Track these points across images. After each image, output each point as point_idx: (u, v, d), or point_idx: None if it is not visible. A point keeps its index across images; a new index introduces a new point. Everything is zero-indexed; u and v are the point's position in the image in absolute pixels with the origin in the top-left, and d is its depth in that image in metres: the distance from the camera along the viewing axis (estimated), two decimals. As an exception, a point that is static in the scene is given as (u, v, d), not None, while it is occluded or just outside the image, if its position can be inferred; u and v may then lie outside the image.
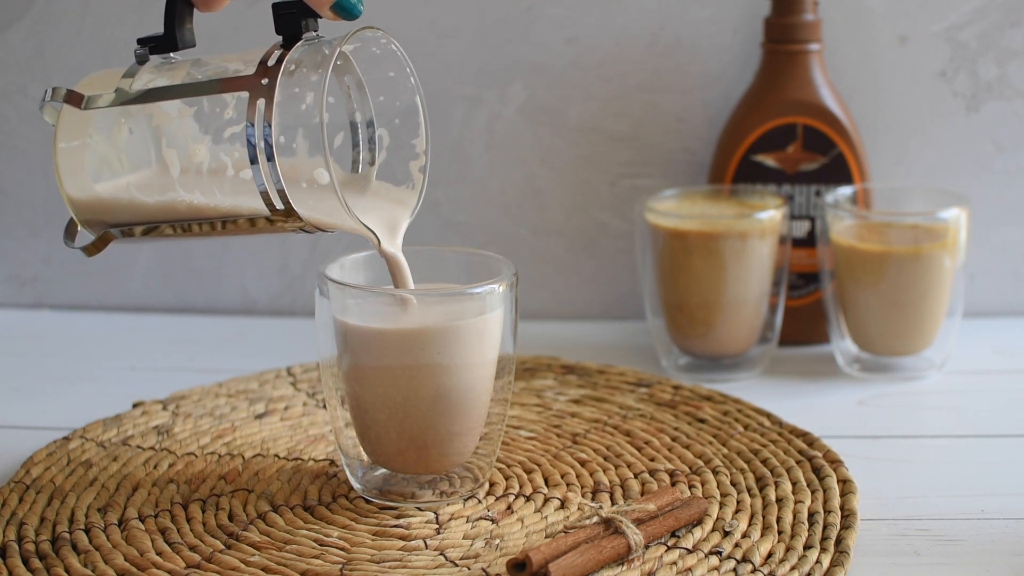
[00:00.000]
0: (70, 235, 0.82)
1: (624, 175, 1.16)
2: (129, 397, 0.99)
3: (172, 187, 0.78)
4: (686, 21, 1.13)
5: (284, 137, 0.78)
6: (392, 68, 0.81)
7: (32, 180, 1.18)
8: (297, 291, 1.20)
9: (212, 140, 0.77)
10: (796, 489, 0.84)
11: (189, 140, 0.77)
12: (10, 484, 0.85)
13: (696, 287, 1.03)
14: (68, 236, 0.82)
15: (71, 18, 1.15)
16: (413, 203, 0.82)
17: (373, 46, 0.80)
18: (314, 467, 0.88)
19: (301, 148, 0.79)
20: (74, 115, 0.79)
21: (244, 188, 0.77)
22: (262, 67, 0.75)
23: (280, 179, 0.75)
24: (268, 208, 0.76)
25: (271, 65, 0.75)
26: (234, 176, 0.77)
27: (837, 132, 1.08)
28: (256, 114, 0.74)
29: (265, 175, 0.75)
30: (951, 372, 1.06)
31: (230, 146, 0.77)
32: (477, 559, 0.77)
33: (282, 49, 0.76)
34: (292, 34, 0.76)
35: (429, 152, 0.82)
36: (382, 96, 0.82)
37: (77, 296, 1.21)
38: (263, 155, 0.74)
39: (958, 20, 1.12)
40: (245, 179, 0.76)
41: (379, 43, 0.79)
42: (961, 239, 1.03)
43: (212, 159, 0.77)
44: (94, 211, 0.80)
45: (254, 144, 0.74)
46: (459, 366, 0.80)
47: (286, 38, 0.76)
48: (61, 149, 0.80)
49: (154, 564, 0.76)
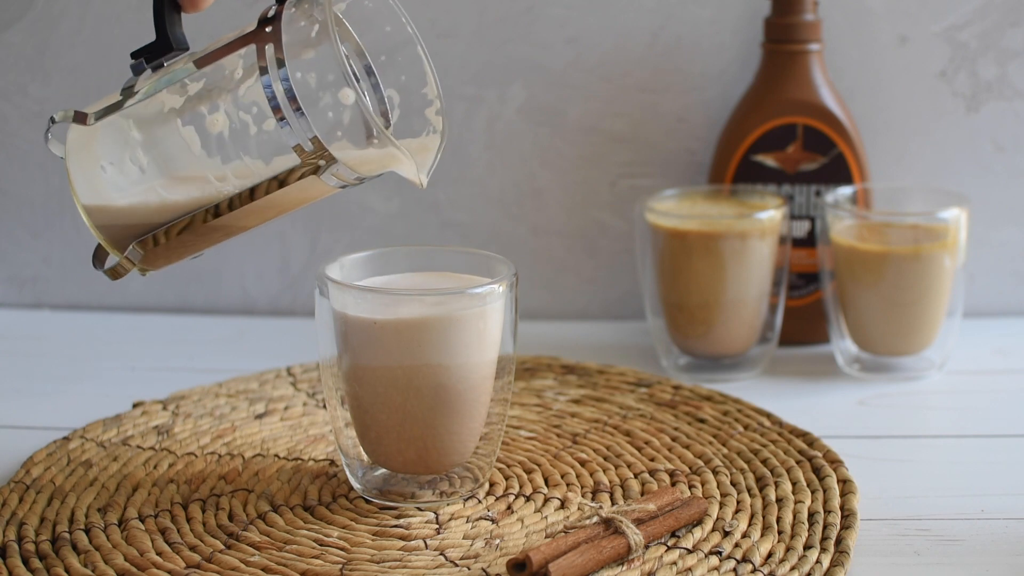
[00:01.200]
0: (100, 260, 0.80)
1: (624, 175, 1.16)
2: (129, 397, 0.99)
3: (197, 167, 0.77)
4: (686, 21, 1.13)
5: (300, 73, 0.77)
6: (387, 22, 0.80)
7: (32, 180, 1.18)
8: (297, 291, 1.20)
9: (228, 105, 0.76)
10: (796, 489, 0.84)
11: (204, 113, 0.76)
12: (10, 484, 0.85)
13: (696, 287, 1.03)
14: (97, 260, 0.80)
15: (71, 18, 1.15)
16: (437, 144, 0.81)
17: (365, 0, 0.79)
18: (314, 467, 0.88)
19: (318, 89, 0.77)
20: (83, 135, 0.78)
21: (271, 145, 0.75)
22: (262, 21, 0.75)
23: (306, 117, 0.73)
24: (299, 156, 0.74)
25: (271, 16, 0.74)
26: (258, 133, 0.75)
27: (837, 132, 1.08)
28: (268, 59, 0.73)
29: (290, 118, 0.73)
30: (951, 372, 1.06)
31: (248, 103, 0.75)
32: (477, 559, 0.77)
33: (277, 5, 0.75)
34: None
35: (441, 95, 0.81)
36: (383, 55, 0.81)
37: (77, 296, 1.21)
38: (284, 97, 0.73)
39: (958, 20, 1.12)
40: (270, 132, 0.75)
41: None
42: (961, 239, 1.03)
43: (232, 123, 0.76)
44: (119, 222, 0.79)
45: (272, 89, 0.73)
46: (459, 366, 0.80)
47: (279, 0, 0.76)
48: (74, 170, 0.78)
49: (154, 564, 0.76)
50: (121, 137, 0.78)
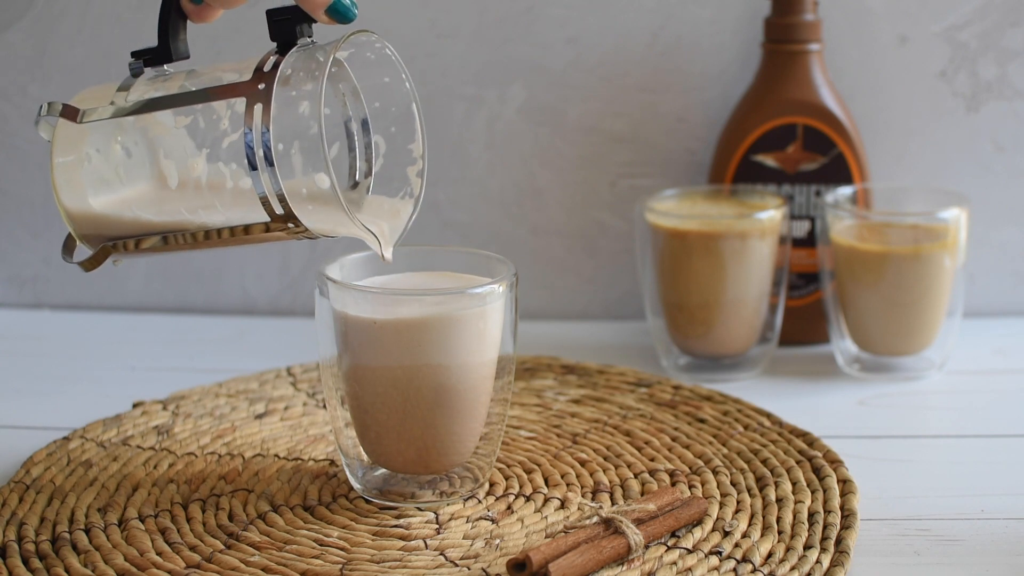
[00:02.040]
0: (68, 250, 0.82)
1: (624, 175, 1.16)
2: (129, 397, 0.99)
3: (171, 200, 0.78)
4: (686, 21, 1.13)
5: (282, 145, 0.78)
6: (387, 73, 0.81)
7: (32, 180, 1.18)
8: (297, 291, 1.20)
9: (209, 152, 0.77)
10: (796, 489, 0.84)
11: (187, 153, 0.77)
12: (10, 484, 0.85)
13: (696, 287, 1.03)
14: (66, 251, 0.82)
15: (71, 18, 1.15)
16: (408, 212, 0.82)
17: (368, 51, 0.80)
18: (314, 467, 0.88)
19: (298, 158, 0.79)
20: (70, 129, 0.79)
21: (244, 199, 0.76)
22: (258, 73, 0.75)
23: (280, 183, 0.74)
24: (269, 215, 0.76)
25: (267, 71, 0.75)
26: (234, 187, 0.77)
27: (837, 132, 1.08)
28: (254, 119, 0.74)
29: (265, 181, 0.74)
30: (951, 372, 1.06)
31: (228, 157, 0.77)
32: (477, 559, 0.77)
33: (277, 55, 0.76)
34: (287, 40, 0.76)
35: (426, 157, 0.82)
36: (377, 102, 0.82)
37: (77, 296, 1.21)
38: (262, 161, 0.74)
39: (958, 20, 1.12)
40: (245, 189, 0.76)
41: (373, 48, 0.79)
42: (961, 239, 1.03)
43: (211, 171, 0.77)
44: (93, 225, 0.80)
45: (253, 149, 0.74)
46: (459, 366, 0.81)
47: (281, 44, 0.76)
48: (58, 164, 0.79)
49: (154, 564, 0.76)
50: (106, 144, 0.79)
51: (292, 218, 0.76)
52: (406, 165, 0.82)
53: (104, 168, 0.79)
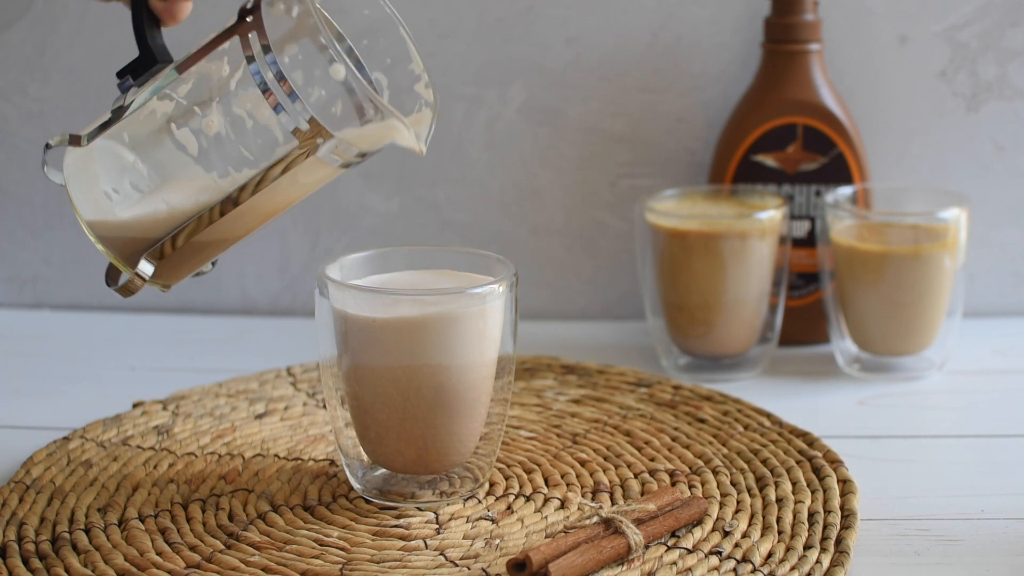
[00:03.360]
0: (112, 278, 0.81)
1: (624, 175, 1.16)
2: (129, 397, 0.99)
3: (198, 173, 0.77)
4: (686, 21, 1.13)
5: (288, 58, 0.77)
6: (365, 6, 0.80)
7: (32, 180, 1.18)
8: (297, 291, 1.20)
9: (220, 103, 0.76)
10: (796, 489, 0.84)
11: (199, 114, 0.76)
12: (10, 484, 0.85)
13: (696, 287, 1.03)
14: (110, 279, 0.81)
15: (71, 18, 1.15)
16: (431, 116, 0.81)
17: None
18: (314, 467, 0.88)
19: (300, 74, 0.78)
20: (80, 157, 0.78)
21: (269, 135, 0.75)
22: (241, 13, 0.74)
23: (299, 97, 0.73)
24: (297, 138, 0.74)
25: (250, 7, 0.74)
26: (254, 125, 0.75)
27: (837, 132, 1.08)
28: (254, 47, 0.73)
29: (283, 101, 0.73)
30: (951, 372, 1.06)
31: (239, 98, 0.75)
32: (477, 559, 0.77)
33: None
34: None
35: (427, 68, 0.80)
36: (365, 40, 0.81)
37: (77, 296, 1.21)
38: (274, 82, 0.73)
39: (958, 20, 1.12)
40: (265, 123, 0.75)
41: None
42: (961, 239, 1.03)
43: (228, 120, 0.76)
44: (129, 239, 0.78)
45: (261, 75, 0.73)
46: (459, 366, 0.80)
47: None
48: (77, 197, 0.78)
49: (154, 564, 0.76)
50: (118, 151, 0.78)
51: (320, 130, 0.74)
52: (412, 85, 0.81)
53: (123, 171, 0.78)
